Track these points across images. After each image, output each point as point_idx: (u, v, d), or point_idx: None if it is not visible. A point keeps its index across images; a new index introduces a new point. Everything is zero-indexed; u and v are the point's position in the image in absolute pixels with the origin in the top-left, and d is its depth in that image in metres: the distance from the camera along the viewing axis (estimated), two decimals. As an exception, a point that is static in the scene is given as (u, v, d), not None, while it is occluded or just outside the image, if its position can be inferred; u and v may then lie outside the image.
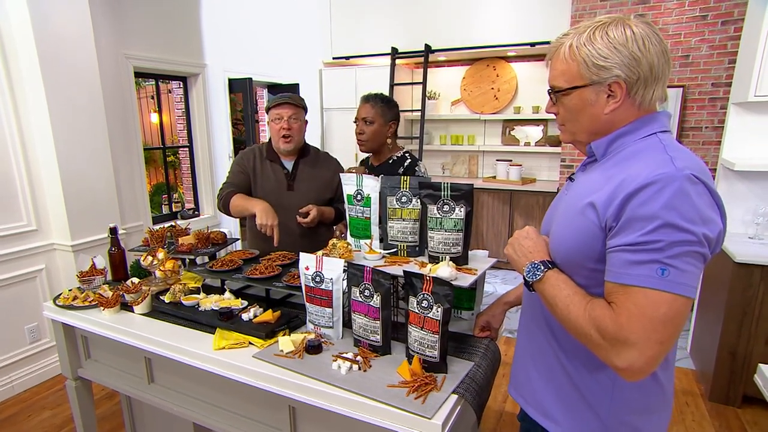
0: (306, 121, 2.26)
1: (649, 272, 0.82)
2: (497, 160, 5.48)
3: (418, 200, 1.56)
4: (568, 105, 1.01)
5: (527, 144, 5.43)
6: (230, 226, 4.39)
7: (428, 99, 5.57)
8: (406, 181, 1.58)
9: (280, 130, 2.14)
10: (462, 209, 1.46)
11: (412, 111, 5.62)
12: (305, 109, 2.24)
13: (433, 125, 5.90)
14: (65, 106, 2.85)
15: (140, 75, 3.76)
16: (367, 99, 2.17)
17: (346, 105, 5.70)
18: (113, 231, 2.04)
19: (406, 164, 2.17)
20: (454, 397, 1.21)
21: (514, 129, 5.55)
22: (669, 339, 0.83)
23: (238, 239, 2.48)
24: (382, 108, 2.14)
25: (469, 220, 1.47)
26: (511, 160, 5.39)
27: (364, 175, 1.66)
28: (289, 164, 2.27)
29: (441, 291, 1.25)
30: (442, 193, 1.47)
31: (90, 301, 1.85)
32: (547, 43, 4.67)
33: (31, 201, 2.91)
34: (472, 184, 1.45)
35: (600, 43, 0.92)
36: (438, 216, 1.48)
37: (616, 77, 0.92)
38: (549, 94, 1.05)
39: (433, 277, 1.26)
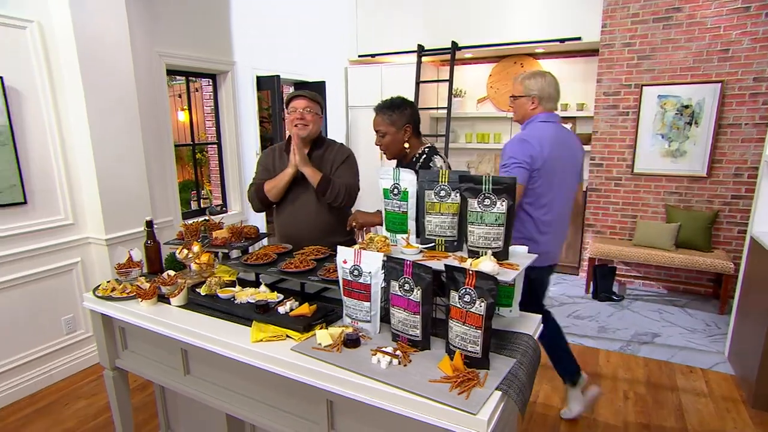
0: (321, 116, 2.34)
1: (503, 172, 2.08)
2: (524, 159, 5.40)
3: (458, 194, 1.54)
4: (515, 104, 2.26)
5: (555, 142, 5.34)
6: (257, 223, 4.44)
7: (454, 97, 5.53)
8: (445, 174, 1.55)
9: (294, 119, 2.24)
10: (504, 203, 1.43)
11: (437, 109, 5.58)
12: (321, 105, 2.33)
13: (458, 123, 5.85)
14: (102, 104, 2.92)
15: (172, 73, 3.83)
16: (377, 110, 2.15)
17: (371, 103, 5.64)
18: (149, 224, 2.07)
19: (421, 160, 2.15)
20: (498, 393, 1.18)
21: (541, 127, 5.46)
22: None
23: (268, 234, 2.50)
24: (391, 117, 2.12)
25: (511, 214, 1.44)
26: (538, 159, 5.31)
27: (401, 168, 1.64)
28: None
29: (485, 285, 1.23)
30: (484, 186, 1.44)
31: (128, 293, 1.88)
32: (578, 39, 4.59)
33: (69, 196, 2.98)
34: (515, 177, 1.42)
35: (531, 80, 2.18)
36: (479, 210, 1.46)
37: (535, 94, 2.18)
38: (510, 98, 2.30)
39: (476, 272, 1.24)
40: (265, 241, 3.54)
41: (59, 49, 2.82)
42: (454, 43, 5.20)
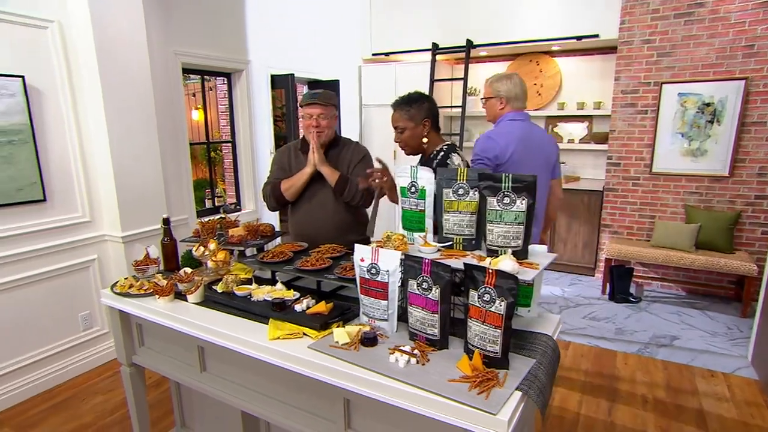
0: (335, 117, 2.35)
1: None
2: (539, 158, 5.36)
3: (476, 192, 1.52)
4: (486, 105, 2.38)
5: (571, 141, 5.29)
6: (271, 221, 4.45)
7: (468, 95, 5.50)
8: (463, 172, 1.54)
9: (309, 126, 2.26)
10: (524, 201, 1.42)
11: (452, 107, 5.56)
12: (335, 106, 2.33)
13: (473, 122, 5.82)
14: (119, 103, 2.96)
15: (187, 71, 3.86)
16: (394, 106, 2.15)
17: (385, 101, 5.65)
18: (166, 221, 2.09)
19: (439, 157, 2.13)
20: (518, 393, 1.17)
21: (557, 125, 5.42)
22: None
23: (283, 233, 2.52)
24: (409, 112, 2.10)
25: (531, 212, 1.42)
26: (554, 158, 5.26)
27: (419, 166, 1.63)
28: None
29: (505, 284, 1.21)
30: (503, 184, 1.43)
31: (145, 290, 1.90)
32: (596, 36, 4.53)
33: (86, 194, 3.03)
34: (536, 176, 1.40)
35: (498, 82, 2.29)
36: (498, 208, 1.44)
37: (503, 95, 2.28)
38: (481, 100, 2.44)
39: (497, 270, 1.22)
40: (278, 240, 3.56)
41: (78, 48, 2.87)
42: (469, 42, 5.18)
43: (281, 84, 4.51)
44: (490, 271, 1.24)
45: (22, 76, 2.65)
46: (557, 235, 5.01)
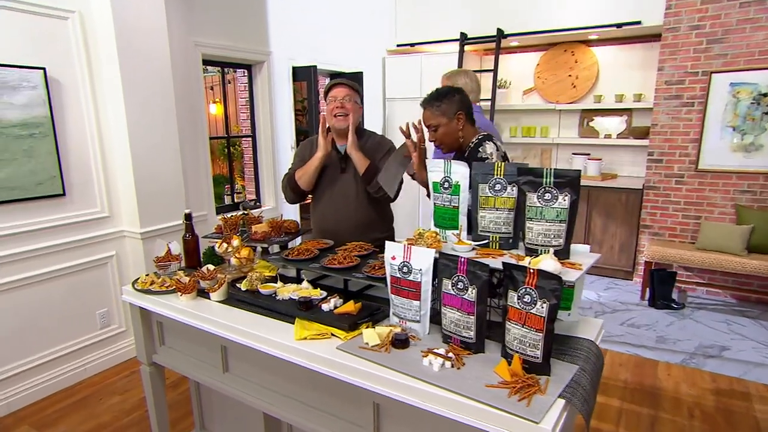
0: (360, 106, 2.35)
1: None
2: (573, 154, 5.28)
3: (515, 188, 1.51)
4: None
5: (608, 136, 5.19)
6: (292, 218, 4.49)
7: (499, 88, 5.45)
8: (500, 167, 1.53)
9: (333, 109, 2.25)
10: (566, 198, 1.39)
11: (481, 101, 5.50)
12: (359, 93, 2.34)
13: (502, 116, 5.76)
14: (139, 95, 3.03)
15: (207, 63, 3.93)
16: (424, 104, 2.09)
17: (410, 95, 5.68)
18: (188, 217, 2.13)
19: (471, 148, 2.06)
20: (561, 401, 1.16)
21: (593, 120, 5.32)
22: None
23: (305, 230, 2.54)
24: (440, 107, 2.05)
25: (574, 209, 1.40)
26: (589, 154, 5.18)
27: (452, 160, 1.63)
28: (343, 148, 2.32)
29: (547, 285, 1.20)
30: (544, 179, 1.41)
31: (167, 287, 1.94)
32: (638, 23, 4.44)
33: (105, 188, 3.11)
34: (580, 170, 1.38)
35: (458, 76, 2.75)
36: (539, 205, 1.43)
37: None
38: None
39: (539, 270, 1.21)
40: (298, 239, 3.59)
41: (98, 39, 2.94)
42: (499, 31, 5.13)
43: (303, 76, 4.55)
44: (532, 270, 1.23)
45: (44, 68, 2.73)
46: (592, 235, 4.92)
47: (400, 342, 1.40)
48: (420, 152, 2.11)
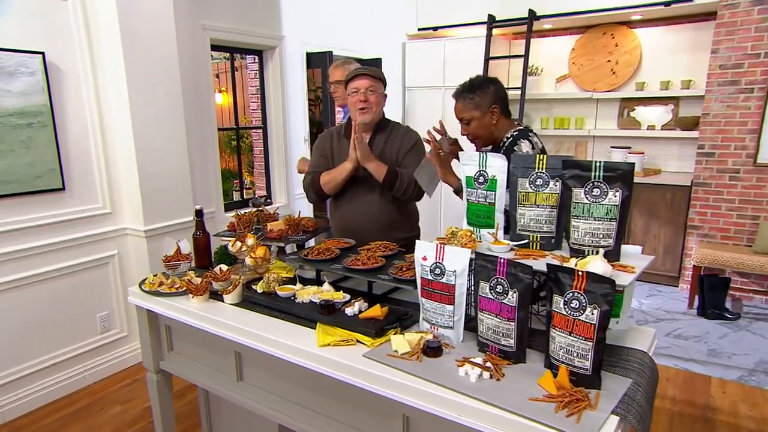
0: (384, 95, 2.37)
1: None
2: (612, 147, 5.21)
3: (558, 183, 1.49)
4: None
5: (651, 128, 5.13)
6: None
7: (529, 75, 5.41)
8: (542, 160, 1.51)
9: (356, 102, 2.26)
10: (617, 194, 1.38)
11: (510, 89, 5.46)
12: (383, 82, 2.35)
13: (533, 106, 5.72)
14: (143, 82, 3.06)
15: (216, 48, 3.96)
16: (456, 96, 2.12)
17: (432, 83, 5.67)
18: (199, 213, 2.15)
19: (506, 144, 2.08)
20: (615, 418, 1.14)
21: (634, 110, 5.26)
22: None
23: (327, 228, 2.55)
24: (473, 99, 2.06)
25: (625, 207, 1.38)
26: (629, 147, 5.12)
27: (489, 153, 1.62)
28: (366, 140, 2.34)
29: (598, 290, 1.18)
30: (593, 173, 1.40)
31: (176, 288, 1.96)
32: (689, 0, 4.35)
33: (107, 182, 3.15)
34: (633, 163, 1.36)
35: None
36: (586, 202, 1.41)
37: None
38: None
39: (588, 273, 1.19)
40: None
41: (100, 21, 2.97)
42: (531, 12, 5.08)
43: (317, 63, 4.57)
44: (581, 273, 1.21)
45: (42, 53, 2.77)
46: (632, 237, 4.86)
47: (433, 350, 1.39)
48: (439, 159, 2.11)
